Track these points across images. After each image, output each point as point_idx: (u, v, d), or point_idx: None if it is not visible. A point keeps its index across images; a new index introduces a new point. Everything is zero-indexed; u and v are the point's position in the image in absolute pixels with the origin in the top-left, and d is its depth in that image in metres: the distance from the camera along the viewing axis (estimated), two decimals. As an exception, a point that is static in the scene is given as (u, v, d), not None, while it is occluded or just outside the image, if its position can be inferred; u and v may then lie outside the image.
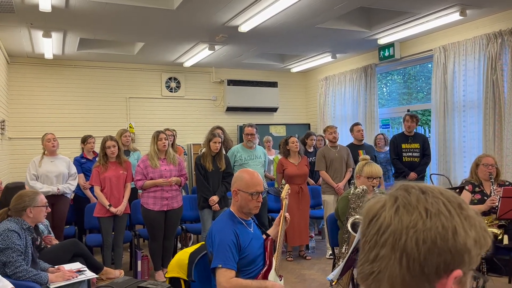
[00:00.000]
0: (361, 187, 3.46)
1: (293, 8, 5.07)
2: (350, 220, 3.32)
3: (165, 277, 2.60)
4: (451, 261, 0.71)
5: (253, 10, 5.13)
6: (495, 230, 3.77)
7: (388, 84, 11.05)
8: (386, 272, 0.73)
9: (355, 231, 3.30)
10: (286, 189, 3.06)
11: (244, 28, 5.68)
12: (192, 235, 6.17)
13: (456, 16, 5.42)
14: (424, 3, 5.13)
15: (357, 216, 3.35)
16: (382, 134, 6.98)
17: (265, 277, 2.41)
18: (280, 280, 2.58)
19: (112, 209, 4.65)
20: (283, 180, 5.56)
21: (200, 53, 7.21)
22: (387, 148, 6.69)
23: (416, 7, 5.30)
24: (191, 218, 5.80)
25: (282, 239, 2.70)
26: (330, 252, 5.63)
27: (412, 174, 5.69)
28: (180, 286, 2.50)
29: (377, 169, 3.62)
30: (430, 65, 9.22)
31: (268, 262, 2.51)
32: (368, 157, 3.86)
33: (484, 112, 5.67)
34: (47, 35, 5.86)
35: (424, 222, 0.72)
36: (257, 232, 2.59)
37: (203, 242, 2.81)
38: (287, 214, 2.80)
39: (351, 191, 3.54)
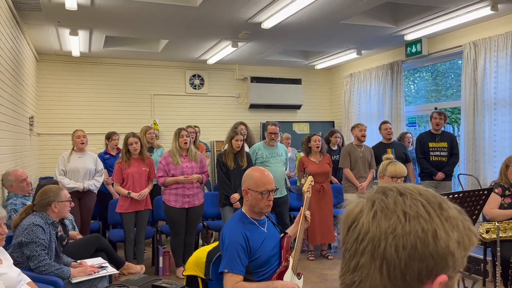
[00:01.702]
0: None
1: (317, 4, 4.99)
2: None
3: (183, 275, 2.59)
4: (434, 266, 0.67)
5: (276, 6, 5.07)
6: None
7: (416, 81, 10.79)
8: (367, 281, 0.69)
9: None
10: (308, 181, 2.97)
11: (267, 24, 5.63)
12: (213, 232, 6.19)
13: (487, 11, 5.22)
14: (453, -3, 4.96)
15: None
16: (408, 132, 6.82)
17: (281, 276, 2.36)
18: (299, 278, 2.53)
19: (133, 194, 4.67)
20: (306, 172, 5.48)
21: (223, 50, 7.20)
22: (412, 147, 6.54)
23: (444, 2, 5.13)
24: (212, 215, 5.81)
25: (301, 237, 2.64)
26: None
27: (440, 174, 5.53)
28: (198, 285, 2.48)
29: (401, 168, 3.51)
30: (460, 62, 8.97)
31: (283, 261, 2.46)
32: (392, 156, 3.75)
33: (516, 110, 5.46)
34: (74, 33, 5.97)
35: (403, 227, 0.68)
36: (272, 231, 2.54)
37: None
38: (307, 212, 2.74)
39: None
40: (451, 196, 2.86)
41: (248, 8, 5.17)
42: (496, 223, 3.78)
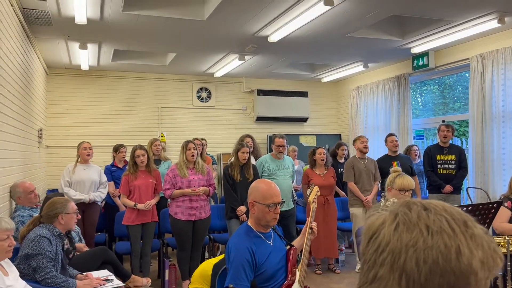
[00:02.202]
0: (391, 200, 3.34)
1: (323, 18, 5.03)
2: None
3: (189, 288, 2.58)
4: (455, 283, 0.65)
5: (283, 20, 5.11)
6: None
7: (423, 94, 10.76)
8: None
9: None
10: (314, 192, 2.94)
11: (273, 38, 5.67)
12: (220, 245, 6.15)
13: (494, 24, 5.22)
14: (459, 10, 4.97)
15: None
16: (415, 145, 6.79)
17: (288, 291, 2.34)
18: (307, 292, 2.50)
19: (139, 206, 4.67)
20: (311, 183, 5.46)
21: (230, 64, 7.26)
22: (419, 160, 6.50)
23: (451, 15, 5.15)
24: (219, 227, 5.79)
25: (308, 249, 2.62)
26: (360, 266, 5.48)
27: (448, 187, 5.47)
28: (203, 298, 2.47)
29: (409, 181, 3.49)
30: (467, 75, 8.94)
31: (289, 275, 2.43)
32: (399, 169, 3.73)
33: (524, 123, 5.42)
34: (83, 46, 6.05)
35: (425, 240, 0.67)
36: (278, 244, 2.51)
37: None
38: (314, 224, 2.71)
39: (382, 204, 3.43)
40: (460, 209, 2.82)
41: (255, 21, 5.22)
42: (506, 237, 3.73)
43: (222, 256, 2.64)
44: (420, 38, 6.09)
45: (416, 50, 6.55)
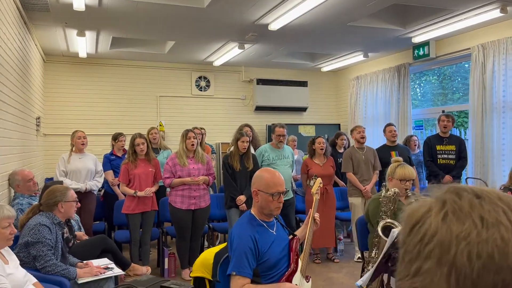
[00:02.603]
0: (392, 189, 3.33)
1: (325, 6, 4.97)
2: (381, 224, 3.20)
3: (190, 277, 2.57)
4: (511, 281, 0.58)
5: (284, 8, 5.06)
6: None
7: (422, 85, 10.74)
8: None
9: (386, 235, 3.18)
10: (317, 183, 2.94)
11: (274, 26, 5.62)
12: (219, 234, 6.16)
13: (496, 13, 5.18)
14: (460, 0, 4.93)
15: (389, 220, 3.23)
16: (414, 135, 6.78)
17: (289, 279, 2.33)
18: (308, 281, 2.50)
19: (140, 193, 4.65)
20: (314, 174, 5.45)
21: (229, 52, 7.19)
22: (418, 150, 6.50)
23: (453, 4, 5.10)
24: (218, 217, 5.79)
25: (310, 240, 2.61)
26: (359, 255, 5.50)
27: (447, 177, 5.47)
28: (205, 286, 2.46)
29: (410, 171, 3.48)
30: (467, 65, 8.90)
31: (292, 264, 2.43)
32: (400, 158, 3.72)
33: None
34: (81, 34, 5.98)
35: (478, 233, 0.60)
36: (281, 233, 2.51)
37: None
38: (316, 214, 2.71)
39: (382, 194, 3.42)
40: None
41: (255, 9, 5.16)
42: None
43: (224, 245, 2.64)
44: (421, 27, 6.04)
45: (417, 39, 6.50)
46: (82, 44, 6.55)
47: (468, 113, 6.48)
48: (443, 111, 7.01)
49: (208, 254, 2.53)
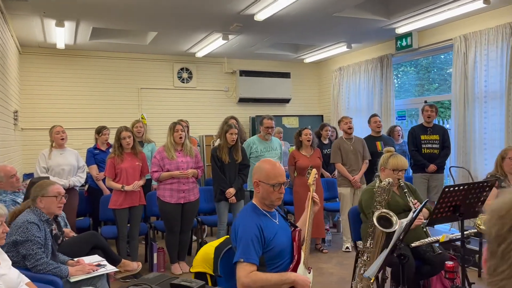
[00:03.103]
0: (386, 180, 3.35)
1: (312, -4, 4.94)
2: (376, 214, 3.22)
3: (190, 272, 2.52)
4: None
5: (271, -2, 5.00)
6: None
7: (400, 76, 10.88)
8: None
9: (381, 225, 3.20)
10: (313, 174, 2.95)
11: (260, 16, 5.55)
12: (206, 227, 6.11)
13: (479, 4, 5.26)
14: (447, -10, 4.97)
15: (384, 210, 3.24)
16: (397, 125, 6.87)
17: (295, 270, 2.31)
18: (309, 273, 2.49)
19: (127, 187, 4.55)
20: (310, 165, 5.44)
21: (213, 43, 7.09)
22: (402, 140, 6.60)
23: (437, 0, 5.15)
24: (205, 210, 5.73)
25: (311, 226, 2.60)
26: (347, 245, 5.55)
27: (432, 166, 5.56)
28: (206, 281, 2.42)
29: (403, 161, 3.51)
30: (442, 56, 9.06)
31: (296, 255, 2.41)
32: (392, 149, 3.74)
33: (507, 103, 5.52)
34: (60, 24, 5.78)
35: None
36: (283, 224, 2.49)
37: (228, 236, 2.73)
38: (314, 194, 2.71)
39: (377, 184, 3.43)
40: (456, 188, 2.85)
41: (241, -1, 5.08)
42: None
43: (223, 238, 2.60)
44: (405, 18, 6.08)
45: (400, 30, 6.55)
46: (61, 35, 6.33)
47: (446, 103, 6.58)
48: (425, 102, 7.11)
49: (209, 249, 2.49)
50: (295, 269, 2.31)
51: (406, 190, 3.44)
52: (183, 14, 5.62)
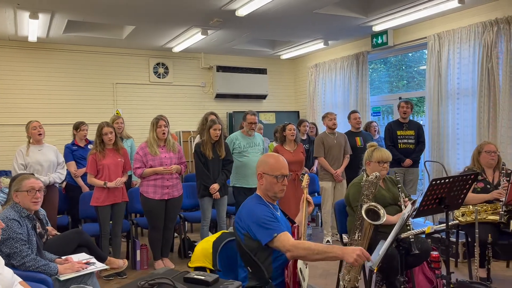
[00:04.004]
0: (374, 174, 3.43)
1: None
2: (365, 207, 3.29)
3: (189, 266, 2.51)
4: None
5: (254, -6, 5.00)
6: (496, 218, 3.83)
7: (369, 73, 11.12)
8: None
9: (369, 218, 3.28)
10: (306, 179, 3.03)
11: (242, 12, 5.54)
12: (186, 223, 6.07)
13: (454, 4, 5.44)
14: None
15: (372, 203, 3.33)
16: (373, 121, 7.03)
17: (295, 265, 2.35)
18: (306, 268, 2.53)
19: (110, 184, 4.46)
20: (304, 171, 5.53)
21: (191, 38, 7.03)
22: (378, 135, 6.77)
23: (415, -3, 5.29)
24: (186, 206, 5.68)
25: (306, 224, 2.65)
26: (327, 239, 5.65)
27: (408, 161, 5.73)
28: (206, 276, 2.41)
29: (386, 153, 3.62)
30: (410, 54, 9.32)
31: None
32: (375, 143, 3.84)
33: (478, 100, 5.74)
34: (34, 16, 5.58)
35: None
36: (283, 218, 2.54)
37: (225, 231, 2.74)
38: (308, 196, 2.76)
39: (364, 178, 3.51)
40: (442, 181, 2.96)
41: (224, -6, 5.06)
42: (471, 206, 3.98)
43: (220, 233, 2.61)
44: (382, 16, 6.22)
45: (377, 28, 6.69)
46: (33, 27, 6.12)
47: (414, 100, 6.78)
48: (400, 98, 7.31)
49: (207, 244, 2.49)
50: (295, 264, 2.34)
51: (400, 185, 3.57)
52: (163, 7, 5.54)
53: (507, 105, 5.40)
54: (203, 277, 1.59)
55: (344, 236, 3.85)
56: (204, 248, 2.46)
